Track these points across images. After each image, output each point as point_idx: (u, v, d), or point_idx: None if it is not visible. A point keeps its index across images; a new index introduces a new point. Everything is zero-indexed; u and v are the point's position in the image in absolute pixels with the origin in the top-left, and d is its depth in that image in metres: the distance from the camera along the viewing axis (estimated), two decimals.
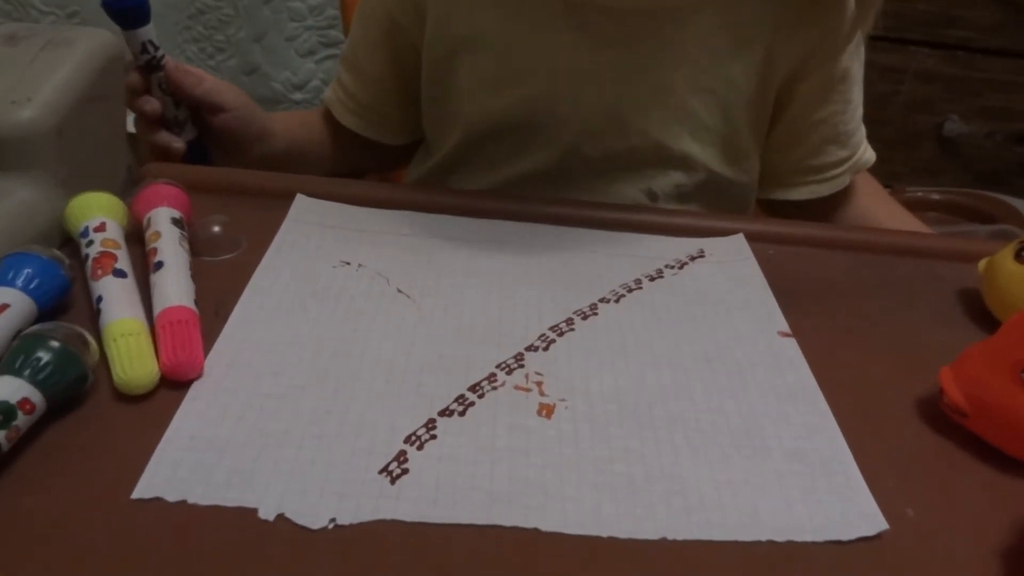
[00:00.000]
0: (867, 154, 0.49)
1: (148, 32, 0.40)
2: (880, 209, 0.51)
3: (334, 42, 0.90)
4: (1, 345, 0.25)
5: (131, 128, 0.44)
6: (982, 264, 0.36)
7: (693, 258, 0.37)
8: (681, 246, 0.38)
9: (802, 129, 0.46)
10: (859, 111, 0.47)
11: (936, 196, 1.14)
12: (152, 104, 0.41)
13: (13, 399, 0.22)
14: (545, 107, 0.43)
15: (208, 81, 0.42)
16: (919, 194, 1.15)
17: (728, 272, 0.36)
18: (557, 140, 0.44)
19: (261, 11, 0.87)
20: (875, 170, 0.52)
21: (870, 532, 0.23)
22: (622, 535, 0.22)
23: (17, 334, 0.25)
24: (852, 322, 0.34)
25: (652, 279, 0.35)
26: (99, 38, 0.35)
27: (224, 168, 0.41)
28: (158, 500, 0.22)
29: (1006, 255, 0.34)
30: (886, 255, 0.40)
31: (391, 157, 0.54)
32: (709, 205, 0.46)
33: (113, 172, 0.37)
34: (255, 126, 0.45)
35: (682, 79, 0.42)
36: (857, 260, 0.40)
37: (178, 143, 0.42)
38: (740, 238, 0.39)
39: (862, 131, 0.48)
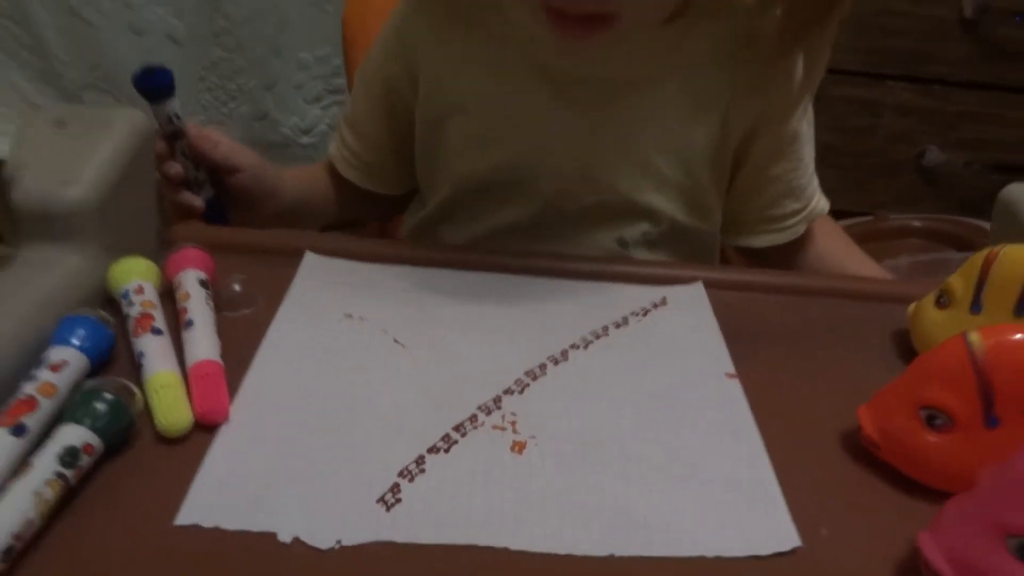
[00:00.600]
0: (820, 204, 0.53)
1: (173, 105, 0.45)
2: (837, 250, 0.56)
3: (338, 89, 0.95)
4: (62, 395, 0.30)
5: None
6: (911, 308, 0.40)
7: (656, 305, 0.42)
8: (645, 294, 0.43)
9: (759, 184, 0.51)
10: (811, 167, 0.52)
11: (917, 223, 1.19)
12: (176, 168, 0.46)
13: (79, 444, 0.27)
14: (525, 165, 0.49)
15: (224, 144, 0.48)
16: (901, 221, 1.20)
17: (686, 318, 0.41)
18: (536, 195, 0.49)
19: (271, 62, 0.93)
20: (859, 198, 0.57)
21: (784, 548, 0.28)
22: (578, 553, 0.27)
23: (75, 387, 0.30)
24: (795, 363, 0.39)
25: (618, 326, 0.40)
26: (133, 119, 0.41)
27: (241, 229, 0.46)
28: (196, 526, 0.27)
29: (928, 301, 0.39)
30: (834, 298, 0.45)
31: (389, 206, 0.59)
32: (675, 251, 0.51)
33: (146, 236, 0.42)
34: (267, 183, 0.50)
35: (647, 140, 0.48)
36: (807, 303, 0.44)
37: (198, 202, 0.48)
38: (699, 286, 0.44)
39: (815, 184, 0.53)
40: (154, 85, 0.44)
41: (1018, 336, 0.29)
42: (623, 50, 0.45)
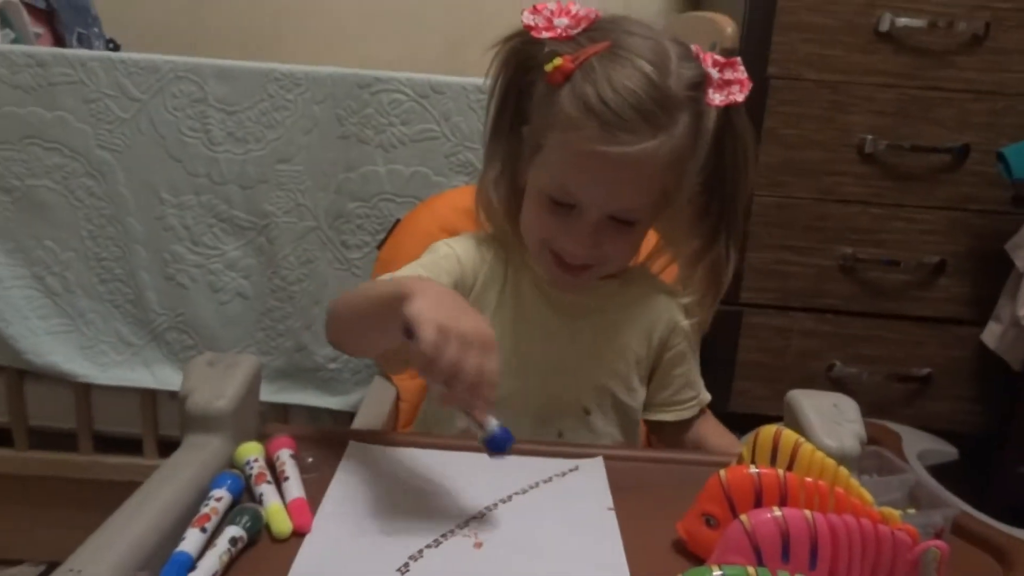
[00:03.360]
0: (705, 395, 0.81)
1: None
2: (711, 432, 0.81)
3: None
4: (220, 514, 0.53)
5: None
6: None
7: (571, 470, 0.66)
8: (565, 464, 0.67)
9: (667, 379, 0.78)
10: (696, 370, 0.80)
11: None
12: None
13: (237, 535, 0.50)
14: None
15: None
16: None
17: (588, 477, 0.65)
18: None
19: (311, 309, 1.24)
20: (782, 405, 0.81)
21: None
22: None
23: (228, 509, 0.53)
24: (651, 500, 0.62)
25: (547, 481, 0.64)
26: (249, 362, 0.68)
27: (308, 427, 0.72)
28: None
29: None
30: (686, 465, 0.69)
31: None
32: (615, 417, 0.77)
33: (251, 428, 0.67)
34: None
35: (603, 342, 0.76)
36: (671, 470, 0.68)
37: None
38: (599, 459, 0.68)
39: (701, 382, 0.81)
40: (501, 449, 0.57)
41: (744, 472, 0.54)
42: (591, 291, 0.75)
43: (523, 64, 0.69)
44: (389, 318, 0.55)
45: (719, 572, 0.41)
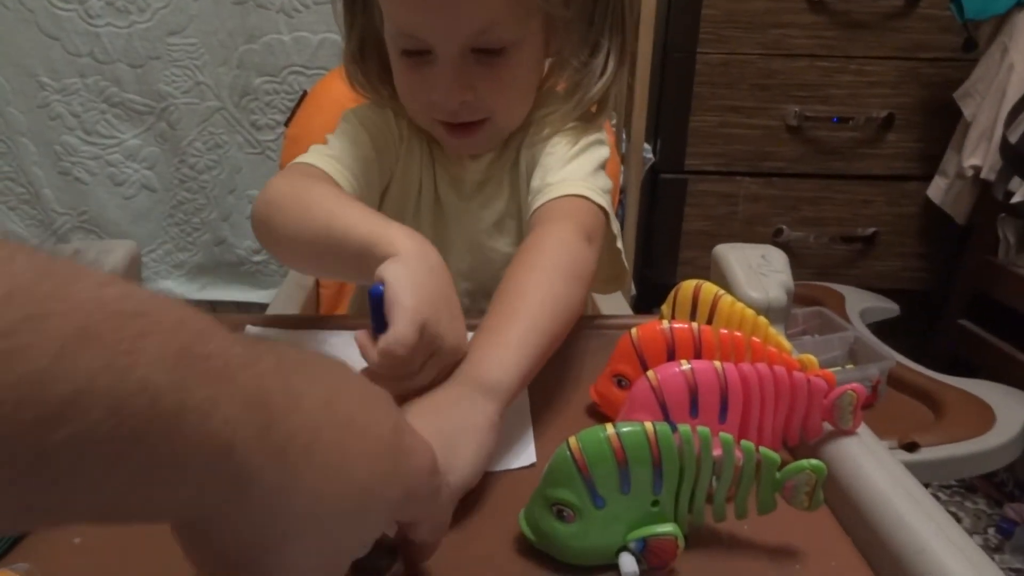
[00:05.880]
0: (562, 186, 0.61)
1: None
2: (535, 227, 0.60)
3: None
4: None
5: None
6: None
7: None
8: None
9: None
10: (561, 174, 0.62)
11: None
12: None
13: None
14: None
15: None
16: None
17: None
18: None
19: (226, 199, 1.16)
20: None
21: (528, 463, 0.47)
22: None
23: None
24: (570, 374, 0.59)
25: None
26: (126, 247, 0.61)
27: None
28: None
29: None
30: (609, 331, 0.66)
31: None
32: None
33: None
34: None
35: (495, 210, 0.70)
36: (589, 335, 0.65)
37: None
38: None
39: (561, 175, 0.62)
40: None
41: (656, 328, 0.50)
42: (479, 160, 0.69)
43: None
44: (350, 265, 0.47)
45: (612, 430, 0.37)
